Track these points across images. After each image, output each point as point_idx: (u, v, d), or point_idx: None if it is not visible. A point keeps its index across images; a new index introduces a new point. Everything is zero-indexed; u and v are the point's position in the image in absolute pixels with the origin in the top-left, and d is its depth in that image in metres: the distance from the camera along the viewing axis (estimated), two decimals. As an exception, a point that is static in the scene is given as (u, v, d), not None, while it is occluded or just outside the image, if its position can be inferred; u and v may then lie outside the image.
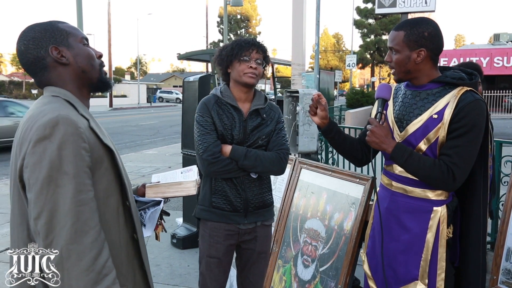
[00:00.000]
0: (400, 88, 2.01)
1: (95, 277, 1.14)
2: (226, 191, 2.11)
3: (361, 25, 42.81)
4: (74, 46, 1.35)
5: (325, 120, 2.05)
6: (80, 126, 1.20)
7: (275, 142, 2.17)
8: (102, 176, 1.27)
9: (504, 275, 2.66)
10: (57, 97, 1.29)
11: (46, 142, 1.14)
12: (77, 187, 1.15)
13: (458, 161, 1.74)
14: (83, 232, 1.14)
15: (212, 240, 2.14)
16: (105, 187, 1.28)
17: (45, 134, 1.14)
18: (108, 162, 1.30)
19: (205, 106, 2.13)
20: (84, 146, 1.19)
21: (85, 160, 1.19)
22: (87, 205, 1.16)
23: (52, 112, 1.18)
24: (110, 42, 35.27)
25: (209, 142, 2.04)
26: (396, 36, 1.84)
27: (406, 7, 8.02)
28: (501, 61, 23.67)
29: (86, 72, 1.37)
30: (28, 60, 1.32)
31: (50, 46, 1.31)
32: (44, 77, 1.33)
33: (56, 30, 1.33)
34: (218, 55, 2.18)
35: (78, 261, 1.12)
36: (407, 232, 1.88)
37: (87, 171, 1.19)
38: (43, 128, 1.15)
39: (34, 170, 1.13)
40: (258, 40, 2.16)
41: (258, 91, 2.25)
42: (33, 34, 1.31)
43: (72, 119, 1.19)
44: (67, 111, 1.21)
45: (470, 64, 3.01)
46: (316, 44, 9.49)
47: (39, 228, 1.13)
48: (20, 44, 1.32)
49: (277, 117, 2.23)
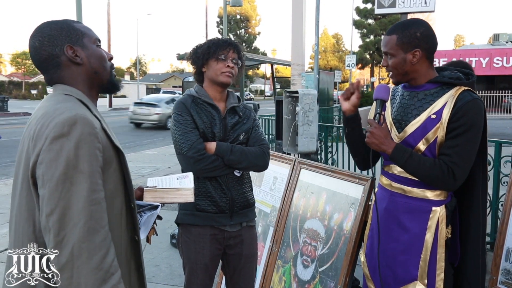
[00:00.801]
0: (397, 89, 2.01)
1: (103, 275, 1.15)
2: (210, 192, 2.08)
3: (360, 25, 42.81)
4: (88, 46, 1.37)
5: (354, 108, 2.01)
6: (96, 127, 1.22)
7: (254, 138, 2.18)
8: (110, 177, 1.28)
9: (504, 275, 2.66)
10: (70, 96, 1.30)
11: (63, 139, 1.15)
12: (91, 186, 1.16)
13: (458, 161, 1.74)
14: (94, 230, 1.15)
15: (198, 246, 2.10)
16: (112, 188, 1.29)
17: (63, 132, 1.16)
18: (116, 163, 1.32)
19: (183, 105, 2.10)
20: (98, 146, 1.21)
21: (99, 160, 1.20)
22: (99, 205, 1.18)
23: (69, 110, 1.20)
24: (109, 42, 35.27)
25: (193, 140, 2.01)
26: (389, 41, 1.84)
27: (405, 8, 8.00)
28: (500, 61, 23.67)
29: (98, 73, 1.38)
30: (41, 56, 1.32)
31: (66, 45, 1.32)
32: (56, 75, 1.34)
33: (72, 30, 1.34)
34: (193, 53, 2.15)
35: (88, 259, 1.13)
36: (406, 232, 1.89)
37: (99, 171, 1.20)
38: (62, 126, 1.16)
39: (50, 167, 1.14)
40: (234, 40, 2.16)
41: (231, 91, 2.24)
42: (49, 31, 1.32)
43: (89, 119, 1.21)
44: (83, 111, 1.23)
45: (460, 63, 2.97)
46: (316, 44, 9.48)
47: (51, 224, 1.13)
48: (35, 40, 1.32)
49: (252, 115, 2.24)
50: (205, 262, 2.12)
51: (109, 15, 35.19)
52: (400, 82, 1.93)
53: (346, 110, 2.01)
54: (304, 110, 3.79)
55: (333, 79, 17.60)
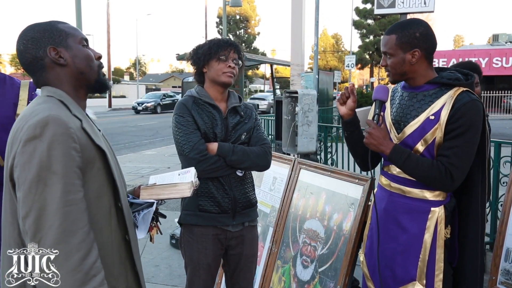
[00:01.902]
0: (397, 90, 2.01)
1: (82, 277, 1.14)
2: (212, 192, 2.08)
3: (360, 25, 42.81)
4: (73, 47, 1.35)
5: (351, 112, 2.03)
6: (71, 126, 1.20)
7: (256, 137, 2.18)
8: (94, 177, 1.27)
9: (503, 275, 2.66)
10: (51, 97, 1.29)
11: (36, 141, 1.14)
12: (66, 187, 1.15)
13: (456, 162, 1.74)
14: (71, 232, 1.14)
15: (201, 246, 2.10)
16: (97, 187, 1.28)
17: (35, 133, 1.15)
18: (101, 162, 1.30)
19: (184, 106, 2.10)
20: (74, 146, 1.19)
21: (75, 160, 1.19)
22: (75, 206, 1.16)
23: (43, 112, 1.19)
24: (109, 42, 35.26)
25: (194, 140, 2.02)
26: (389, 40, 1.84)
27: (405, 8, 8.01)
28: (500, 62, 23.68)
29: (84, 73, 1.37)
30: (27, 59, 1.32)
31: (49, 46, 1.31)
32: (42, 77, 1.34)
33: (55, 31, 1.34)
34: (194, 54, 2.14)
35: (65, 261, 1.12)
36: (405, 232, 1.89)
37: (76, 171, 1.19)
38: (34, 127, 1.16)
39: (24, 169, 1.14)
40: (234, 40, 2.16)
41: (232, 91, 2.24)
42: (33, 34, 1.32)
43: (62, 119, 1.19)
44: (58, 111, 1.22)
45: (469, 64, 2.99)
46: (315, 44, 9.48)
47: (27, 227, 1.13)
48: (20, 44, 1.32)
49: (254, 114, 2.24)
50: (207, 262, 2.12)
51: (108, 15, 35.18)
52: (397, 81, 1.93)
53: (344, 114, 2.03)
54: (304, 110, 3.80)
55: (332, 79, 17.58)
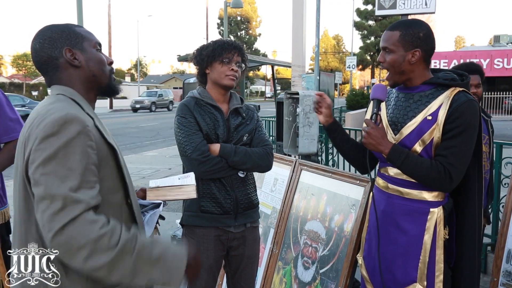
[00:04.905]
0: (392, 91, 2.00)
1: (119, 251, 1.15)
2: (214, 193, 2.08)
3: (361, 26, 42.83)
4: (88, 50, 1.38)
5: (329, 118, 2.05)
6: (88, 124, 1.22)
7: (258, 139, 2.18)
8: (108, 174, 1.29)
9: (505, 277, 2.66)
10: (63, 96, 1.32)
11: (53, 138, 1.16)
12: (81, 184, 1.16)
13: (454, 161, 1.74)
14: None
15: (202, 247, 2.10)
16: (110, 185, 1.30)
17: (53, 131, 1.16)
18: (112, 160, 1.32)
19: (186, 107, 2.10)
20: (90, 144, 1.21)
21: (91, 158, 1.21)
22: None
23: (60, 110, 1.21)
24: (110, 43, 35.32)
25: (197, 141, 2.02)
26: (391, 36, 1.83)
27: (406, 9, 8.03)
28: (501, 63, 23.66)
29: (96, 76, 1.40)
30: (41, 58, 1.34)
31: (65, 47, 1.34)
32: (55, 77, 1.36)
33: (72, 33, 1.36)
34: (198, 55, 2.14)
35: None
36: (404, 234, 1.88)
37: (92, 169, 1.20)
38: (52, 125, 1.17)
39: (39, 166, 1.15)
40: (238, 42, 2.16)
41: (234, 93, 2.25)
42: (50, 33, 1.34)
43: (80, 118, 1.21)
44: (75, 110, 1.24)
45: (471, 65, 2.98)
46: (316, 45, 9.50)
47: (46, 220, 1.13)
48: (36, 42, 1.35)
49: (255, 116, 2.25)
50: (209, 263, 2.12)
51: (109, 17, 35.25)
52: (397, 84, 1.92)
53: (323, 122, 2.07)
54: (305, 111, 3.80)
55: (333, 81, 17.57)
